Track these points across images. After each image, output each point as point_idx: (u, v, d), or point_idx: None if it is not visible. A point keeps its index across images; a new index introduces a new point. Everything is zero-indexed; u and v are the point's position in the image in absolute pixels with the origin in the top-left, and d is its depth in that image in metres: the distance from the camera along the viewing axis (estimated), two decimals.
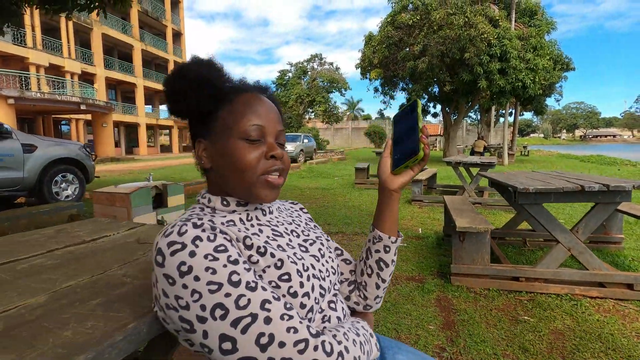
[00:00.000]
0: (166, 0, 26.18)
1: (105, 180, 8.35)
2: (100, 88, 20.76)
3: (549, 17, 15.00)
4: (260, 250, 0.56)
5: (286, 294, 0.54)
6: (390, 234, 0.71)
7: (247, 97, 0.62)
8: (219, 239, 0.52)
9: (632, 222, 4.01)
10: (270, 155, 0.60)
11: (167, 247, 0.49)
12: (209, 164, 0.63)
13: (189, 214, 0.60)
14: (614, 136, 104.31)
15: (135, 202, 2.89)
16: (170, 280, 0.48)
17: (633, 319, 1.99)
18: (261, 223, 0.64)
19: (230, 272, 0.49)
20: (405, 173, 0.67)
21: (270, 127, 0.62)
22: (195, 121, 0.64)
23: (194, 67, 0.60)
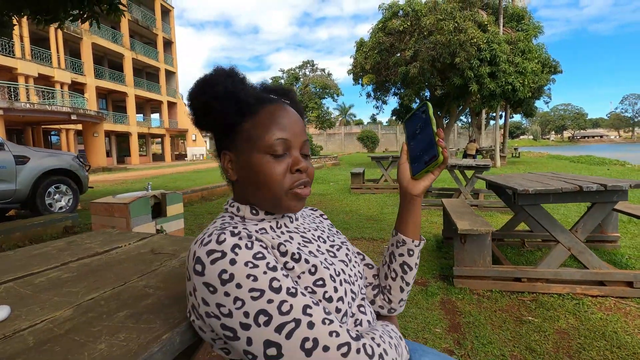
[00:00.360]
0: (156, 9, 26.17)
1: (99, 190, 8.24)
2: (91, 97, 20.58)
3: (536, 22, 15.31)
4: (294, 257, 0.56)
5: (322, 299, 0.55)
6: (413, 238, 0.72)
7: (272, 108, 0.61)
8: (256, 246, 0.52)
9: (625, 221, 4.08)
10: (296, 170, 0.60)
11: (207, 256, 0.50)
12: (235, 177, 0.63)
13: (221, 222, 0.60)
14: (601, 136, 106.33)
15: (135, 212, 2.85)
16: (211, 289, 0.48)
17: (635, 316, 2.02)
18: (290, 230, 0.64)
19: (271, 279, 0.49)
20: (426, 177, 0.67)
21: (295, 140, 0.61)
22: (221, 133, 0.64)
23: (218, 80, 0.60)
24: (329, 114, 30.05)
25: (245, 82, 0.63)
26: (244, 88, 0.61)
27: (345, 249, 0.69)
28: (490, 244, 2.44)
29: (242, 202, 0.64)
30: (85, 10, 4.46)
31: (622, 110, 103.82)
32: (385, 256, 0.76)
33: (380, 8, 14.87)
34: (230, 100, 0.59)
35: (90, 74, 20.49)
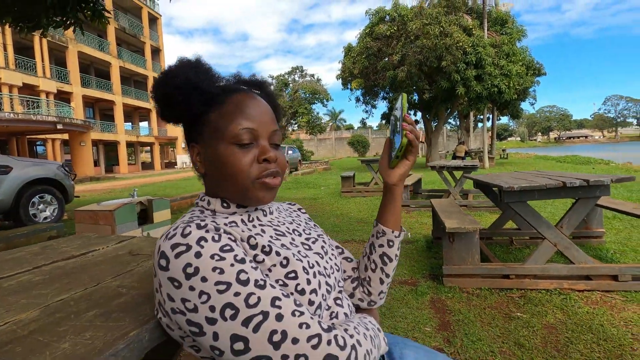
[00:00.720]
0: (144, 17, 26.04)
1: (85, 200, 8.10)
2: (78, 106, 20.30)
3: (519, 26, 15.63)
4: (265, 250, 0.55)
5: (294, 292, 0.53)
6: (394, 229, 0.71)
7: (238, 98, 0.60)
8: (223, 239, 0.51)
9: (610, 217, 4.16)
10: (263, 159, 0.59)
11: (171, 250, 0.48)
12: (202, 169, 0.62)
13: (189, 216, 0.58)
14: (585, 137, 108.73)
15: (120, 219, 2.80)
16: (176, 284, 0.47)
17: (620, 309, 2.05)
18: (263, 223, 0.63)
19: (238, 271, 0.48)
20: (401, 164, 0.68)
21: (263, 129, 0.60)
22: (187, 125, 0.63)
23: (181, 71, 0.59)
24: (319, 119, 30.10)
25: (210, 72, 0.62)
26: (208, 78, 0.60)
27: (321, 241, 0.68)
28: (478, 242, 2.46)
29: (212, 196, 0.62)
30: (68, 17, 4.41)
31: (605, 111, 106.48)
32: (365, 247, 0.75)
33: (367, 13, 15.03)
34: (192, 90, 0.58)
35: (76, 82, 20.24)
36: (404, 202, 5.52)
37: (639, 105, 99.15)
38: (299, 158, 18.13)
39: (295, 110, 28.36)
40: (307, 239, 0.67)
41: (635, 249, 3.00)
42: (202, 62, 0.62)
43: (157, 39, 28.13)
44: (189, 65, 0.60)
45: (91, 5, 4.53)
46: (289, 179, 12.09)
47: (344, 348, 0.48)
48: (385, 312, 2.15)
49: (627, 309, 2.04)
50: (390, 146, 0.70)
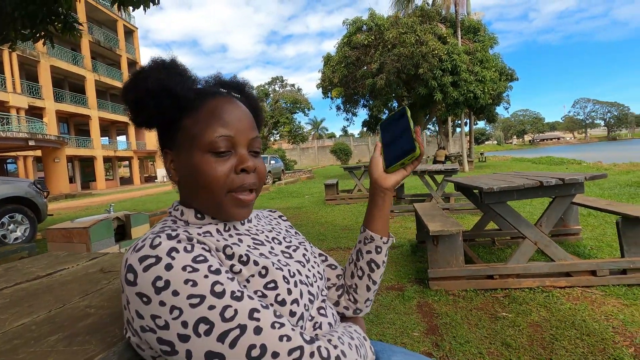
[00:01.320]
0: (119, 30, 25.62)
1: (59, 218, 7.78)
2: (51, 122, 19.63)
3: (491, 34, 16.24)
4: (242, 259, 0.52)
5: (274, 303, 0.50)
6: (382, 235, 0.69)
7: (215, 103, 0.56)
8: (197, 249, 0.47)
9: (585, 214, 4.29)
10: (241, 169, 0.55)
11: (139, 263, 0.44)
12: (176, 177, 0.58)
13: (160, 226, 0.54)
14: (558, 139, 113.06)
15: (95, 236, 2.69)
16: (145, 299, 0.43)
17: (600, 303, 2.09)
18: (240, 232, 0.60)
19: (213, 283, 0.44)
20: (399, 172, 0.66)
21: (241, 137, 0.56)
22: (161, 130, 0.59)
23: (153, 73, 0.54)
24: (301, 128, 30.19)
25: (185, 74, 0.57)
26: (182, 81, 0.55)
27: (302, 249, 0.65)
28: (461, 243, 2.48)
29: (187, 205, 0.59)
30: (37, 30, 4.28)
31: (574, 113, 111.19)
32: (352, 254, 0.73)
33: (345, 23, 15.29)
34: (165, 95, 0.53)
35: (49, 97, 19.61)
36: None
37: (605, 107, 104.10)
38: (282, 168, 18.04)
39: (277, 120, 28.36)
40: (288, 247, 0.64)
41: (611, 244, 3.09)
42: (177, 63, 0.58)
43: (134, 51, 27.69)
44: (162, 66, 0.56)
45: (62, 17, 4.42)
46: (272, 189, 12.00)
47: (328, 359, 0.46)
48: (372, 319, 2.13)
49: (607, 303, 2.09)
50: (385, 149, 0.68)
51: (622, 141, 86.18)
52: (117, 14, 24.61)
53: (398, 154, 0.65)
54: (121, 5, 4.39)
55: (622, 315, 1.92)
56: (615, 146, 54.02)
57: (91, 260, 1.03)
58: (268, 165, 15.41)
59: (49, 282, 0.85)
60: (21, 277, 0.91)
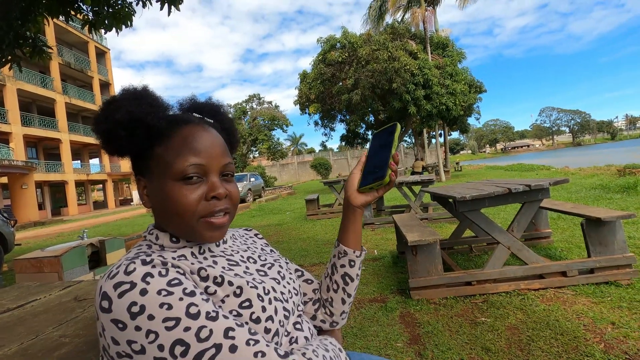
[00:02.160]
0: (91, 52, 25.16)
1: (28, 247, 7.40)
2: (18, 147, 18.82)
3: (459, 49, 17.02)
4: (217, 280, 0.53)
5: (249, 321, 0.52)
6: (355, 248, 0.71)
7: (186, 131, 0.57)
8: (171, 272, 0.48)
9: (555, 217, 4.49)
10: (212, 196, 0.56)
11: (114, 289, 0.45)
12: (149, 204, 0.59)
13: (135, 251, 0.55)
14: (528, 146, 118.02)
15: (68, 264, 2.58)
16: (121, 325, 0.44)
17: (571, 302, 2.18)
18: (215, 254, 0.61)
19: (188, 305, 0.46)
20: (370, 193, 0.67)
21: (213, 164, 0.57)
22: (134, 158, 0.60)
23: (123, 104, 0.55)
24: (280, 144, 30.23)
25: (156, 103, 0.58)
26: (154, 111, 0.56)
27: (277, 266, 0.67)
28: (439, 252, 2.54)
29: (162, 229, 0.59)
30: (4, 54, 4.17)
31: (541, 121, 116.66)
32: (327, 268, 0.75)
33: (319, 42, 15.64)
34: (136, 125, 0.54)
35: (16, 122, 18.85)
36: (369, 220, 5.61)
37: (569, 115, 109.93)
38: (262, 185, 17.93)
39: (255, 137, 28.31)
40: (263, 265, 0.65)
41: (579, 245, 3.25)
42: (147, 91, 0.59)
43: (106, 73, 27.19)
44: (132, 96, 0.56)
45: (30, 41, 4.33)
46: (253, 207, 11.88)
47: None
48: (356, 332, 2.13)
49: (577, 302, 2.18)
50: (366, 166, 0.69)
51: (587, 146, 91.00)
52: (88, 36, 24.23)
53: (371, 177, 0.66)
54: (92, 28, 4.36)
55: (592, 313, 2.01)
56: (581, 151, 56.96)
57: (64, 289, 1.01)
58: (248, 183, 15.29)
59: (20, 314, 0.83)
60: None
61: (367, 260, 3.70)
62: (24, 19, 4.09)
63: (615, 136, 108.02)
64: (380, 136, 0.71)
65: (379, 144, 0.70)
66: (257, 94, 30.52)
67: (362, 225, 4.23)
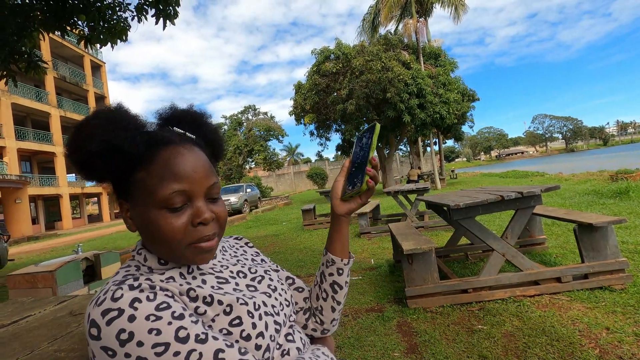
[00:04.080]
0: (86, 66, 25.26)
1: (21, 262, 7.30)
2: (12, 161, 18.71)
3: (451, 58, 17.32)
4: (206, 300, 0.53)
5: (239, 339, 0.52)
6: (342, 257, 0.72)
7: (167, 154, 0.53)
8: (159, 296, 0.48)
9: (549, 223, 4.52)
10: (198, 222, 0.53)
11: (102, 317, 0.45)
12: (134, 228, 0.57)
13: (123, 274, 0.54)
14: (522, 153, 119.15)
15: (62, 279, 2.56)
16: (110, 352, 0.44)
17: (567, 308, 2.20)
18: (204, 272, 0.60)
19: (177, 329, 0.46)
20: (353, 200, 0.67)
21: (197, 188, 0.54)
22: (114, 184, 0.57)
23: (95, 131, 0.51)
24: (275, 155, 30.30)
25: (131, 125, 0.55)
26: (129, 135, 0.52)
27: (267, 279, 0.67)
28: (435, 260, 2.55)
29: (149, 249, 0.58)
30: None
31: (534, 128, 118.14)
32: (316, 276, 0.75)
33: (313, 53, 15.85)
34: (112, 154, 0.51)
35: (10, 136, 18.77)
36: (365, 229, 5.62)
37: (561, 122, 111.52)
38: (258, 195, 17.90)
39: (252, 148, 28.37)
40: (253, 279, 0.65)
41: (573, 251, 3.27)
42: (121, 112, 0.55)
43: (102, 86, 27.27)
44: (105, 120, 0.53)
45: (26, 56, 4.36)
46: (249, 217, 11.84)
47: None
48: (353, 342, 2.13)
49: (572, 307, 2.20)
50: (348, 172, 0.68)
51: (579, 152, 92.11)
52: (83, 50, 24.35)
53: (351, 184, 0.65)
54: (88, 42, 4.40)
55: (587, 319, 2.03)
56: (574, 157, 57.59)
57: (59, 304, 1.01)
58: (244, 194, 15.26)
59: (15, 329, 0.83)
60: None
61: (363, 270, 3.69)
62: (20, 34, 4.12)
63: (608, 142, 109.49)
64: (360, 139, 0.69)
65: (360, 148, 0.68)
66: (253, 105, 30.64)
67: (359, 235, 4.24)
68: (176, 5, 4.39)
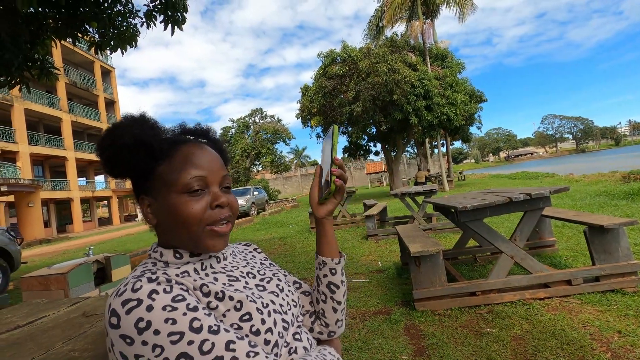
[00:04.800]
0: (96, 71, 25.71)
1: (34, 265, 7.43)
2: (25, 166, 19.09)
3: (458, 59, 17.23)
4: (218, 296, 0.56)
5: (249, 334, 0.54)
6: (332, 257, 0.75)
7: (186, 149, 0.62)
8: (175, 289, 0.51)
9: (560, 225, 4.46)
10: (216, 205, 0.60)
11: (122, 306, 0.48)
12: (154, 221, 0.62)
13: (141, 269, 0.58)
14: (531, 154, 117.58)
15: (74, 282, 2.61)
16: (129, 340, 0.46)
17: (577, 311, 2.17)
18: (216, 270, 0.64)
19: (191, 320, 0.48)
20: (330, 202, 0.72)
21: (213, 176, 0.61)
22: (136, 179, 0.63)
23: (127, 129, 0.59)
24: (283, 157, 30.39)
25: (156, 127, 0.63)
26: (155, 133, 0.61)
27: (276, 280, 0.70)
28: (442, 262, 2.54)
29: (165, 246, 0.62)
30: (13, 76, 4.29)
31: (544, 129, 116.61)
32: (314, 281, 0.78)
33: (320, 56, 15.90)
34: (140, 147, 0.58)
35: (23, 141, 19.17)
36: (372, 231, 5.60)
37: (571, 122, 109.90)
38: (265, 198, 17.97)
39: (259, 151, 28.51)
40: (262, 279, 0.68)
41: (584, 253, 3.22)
42: (146, 117, 0.63)
43: (111, 91, 27.71)
44: (134, 122, 0.61)
45: (38, 63, 4.46)
46: (256, 220, 11.89)
47: None
48: (361, 345, 2.13)
49: (583, 310, 2.17)
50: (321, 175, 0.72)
51: (591, 153, 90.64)
52: (93, 56, 24.79)
53: (325, 186, 0.69)
54: (98, 49, 4.49)
55: (598, 322, 2.00)
56: (585, 158, 56.68)
57: (73, 306, 1.03)
58: (252, 197, 15.34)
59: (30, 330, 0.85)
60: (0, 327, 0.90)
61: (371, 272, 3.69)
62: (33, 42, 4.22)
63: (620, 142, 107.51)
64: (326, 142, 0.72)
65: (325, 153, 0.71)
66: (260, 108, 30.86)
67: (366, 237, 4.23)
68: (184, 11, 4.46)
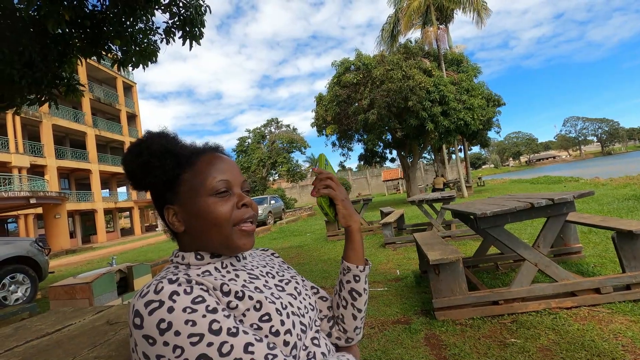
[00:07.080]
0: (118, 87, 26.72)
1: (60, 275, 7.69)
2: (52, 179, 19.92)
3: (474, 64, 17.03)
4: (238, 295, 0.57)
5: (268, 334, 0.55)
6: (357, 264, 0.76)
7: (208, 157, 0.66)
8: (195, 290, 0.53)
9: (586, 231, 4.30)
10: (242, 204, 0.64)
11: (145, 307, 0.50)
12: (182, 227, 0.64)
13: (163, 272, 0.60)
14: (554, 157, 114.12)
15: (98, 290, 2.68)
16: (151, 341, 0.48)
17: (608, 321, 2.07)
18: (237, 268, 0.66)
19: (211, 321, 0.50)
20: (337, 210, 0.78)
21: (235, 179, 0.66)
22: (161, 190, 0.66)
23: (153, 140, 0.63)
24: (299, 166, 30.59)
25: (177, 139, 0.68)
26: (177, 144, 0.66)
27: (294, 282, 0.71)
28: (463, 270, 2.48)
29: (187, 251, 0.65)
30: (42, 94, 4.52)
31: (566, 132, 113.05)
32: (336, 286, 0.79)
33: (334, 65, 16.03)
34: (167, 155, 0.62)
35: (50, 155, 20.04)
36: (390, 239, 5.54)
37: (595, 124, 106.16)
38: (282, 207, 18.07)
39: (275, 161, 28.80)
40: (281, 280, 0.70)
41: (614, 260, 3.09)
42: (167, 131, 0.68)
43: (133, 105, 28.69)
44: (157, 135, 0.66)
45: (65, 81, 4.68)
46: (274, 229, 11.95)
47: None
48: (380, 355, 2.09)
49: (614, 320, 2.07)
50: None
51: (617, 155, 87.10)
52: (116, 72, 25.81)
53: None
54: (121, 65, 4.68)
55: (631, 333, 1.90)
56: (611, 160, 54.49)
57: (97, 314, 1.07)
58: (268, 206, 15.45)
59: (58, 337, 0.88)
60: (31, 334, 0.94)
61: (389, 281, 3.64)
62: (60, 61, 4.44)
63: None
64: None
65: None
66: (275, 117, 31.32)
67: (383, 245, 4.19)
68: (201, 26, 4.61)
